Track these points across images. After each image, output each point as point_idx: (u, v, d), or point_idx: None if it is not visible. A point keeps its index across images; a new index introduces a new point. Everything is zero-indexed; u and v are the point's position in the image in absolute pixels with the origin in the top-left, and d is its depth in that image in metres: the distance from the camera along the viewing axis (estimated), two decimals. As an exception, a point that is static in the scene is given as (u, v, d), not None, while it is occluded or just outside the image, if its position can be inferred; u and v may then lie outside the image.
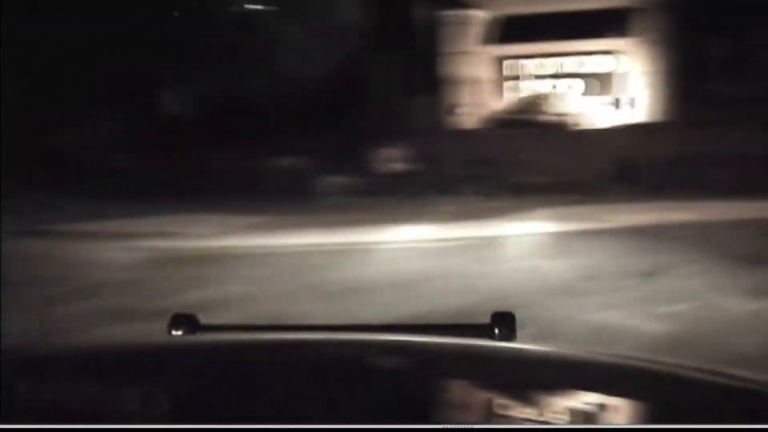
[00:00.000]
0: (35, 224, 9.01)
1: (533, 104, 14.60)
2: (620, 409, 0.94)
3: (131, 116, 14.30)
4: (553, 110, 14.32)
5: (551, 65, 15.07)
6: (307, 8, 13.75)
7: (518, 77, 15.33)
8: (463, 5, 14.68)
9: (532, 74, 15.20)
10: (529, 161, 12.32)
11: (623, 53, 14.58)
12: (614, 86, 14.76)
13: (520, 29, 14.63)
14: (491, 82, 15.21)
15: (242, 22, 14.67)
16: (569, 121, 14.20)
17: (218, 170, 12.40)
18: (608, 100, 14.82)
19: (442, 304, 5.11)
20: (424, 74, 14.09)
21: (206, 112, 14.03)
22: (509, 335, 1.30)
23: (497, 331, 1.29)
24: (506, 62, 15.28)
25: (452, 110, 14.45)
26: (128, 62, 13.48)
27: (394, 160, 13.24)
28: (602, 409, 0.94)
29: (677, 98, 13.43)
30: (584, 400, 0.99)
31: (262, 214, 9.89)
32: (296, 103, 13.09)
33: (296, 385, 1.02)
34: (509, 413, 0.90)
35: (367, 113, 13.42)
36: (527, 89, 15.19)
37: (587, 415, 0.91)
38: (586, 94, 14.85)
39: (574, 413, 0.91)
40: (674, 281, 5.91)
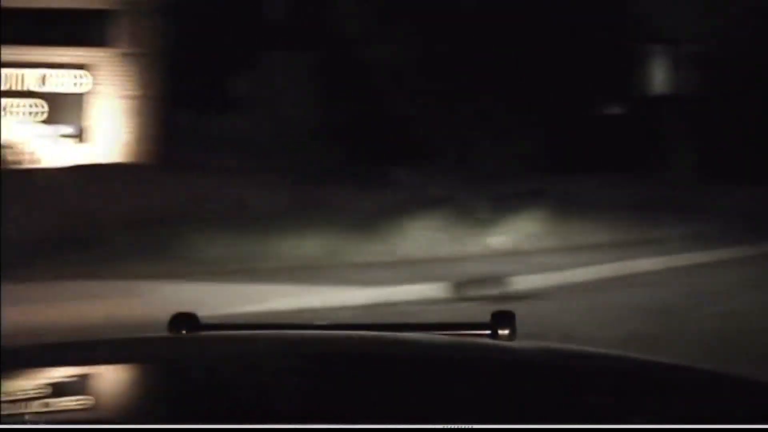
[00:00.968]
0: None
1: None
2: (620, 408, 0.94)
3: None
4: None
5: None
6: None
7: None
8: None
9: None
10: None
11: (95, 68, 10.36)
12: (79, 112, 10.40)
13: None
14: None
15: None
16: (11, 157, 9.87)
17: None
18: (69, 129, 10.40)
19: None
20: None
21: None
22: (509, 334, 1.30)
23: (497, 329, 1.30)
24: None
25: None
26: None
27: None
28: (602, 407, 0.94)
29: (161, 131, 9.98)
30: (584, 398, 0.99)
31: None
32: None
33: (296, 384, 1.02)
34: (508, 413, 0.89)
35: None
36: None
37: (587, 414, 0.91)
38: (43, 121, 10.37)
39: (574, 412, 0.91)
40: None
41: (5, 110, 10.19)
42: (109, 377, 1.09)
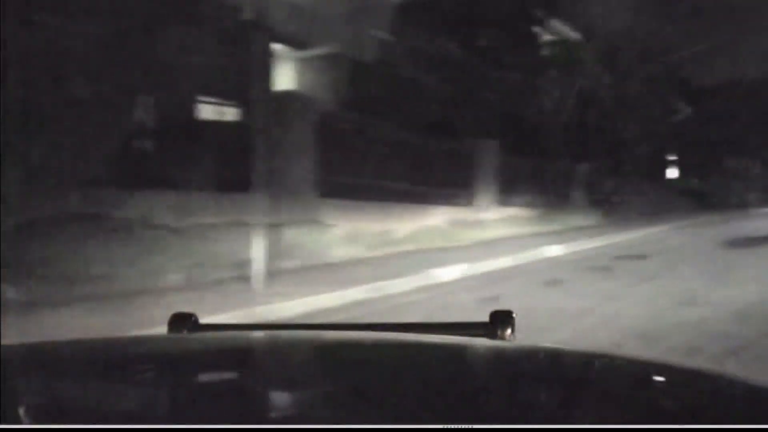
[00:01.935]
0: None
1: None
2: (621, 407, 0.94)
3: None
4: None
5: None
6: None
7: None
8: None
9: None
10: None
11: None
12: None
13: None
14: None
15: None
16: None
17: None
18: None
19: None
20: None
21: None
22: (509, 334, 1.30)
23: (497, 329, 1.30)
24: None
25: None
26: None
27: None
28: (602, 407, 0.94)
29: None
30: (584, 398, 0.99)
31: None
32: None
33: (295, 384, 1.02)
34: (509, 412, 0.90)
35: None
36: None
37: (588, 413, 0.91)
38: None
39: (574, 411, 0.91)
40: None
41: None
42: (108, 377, 1.09)
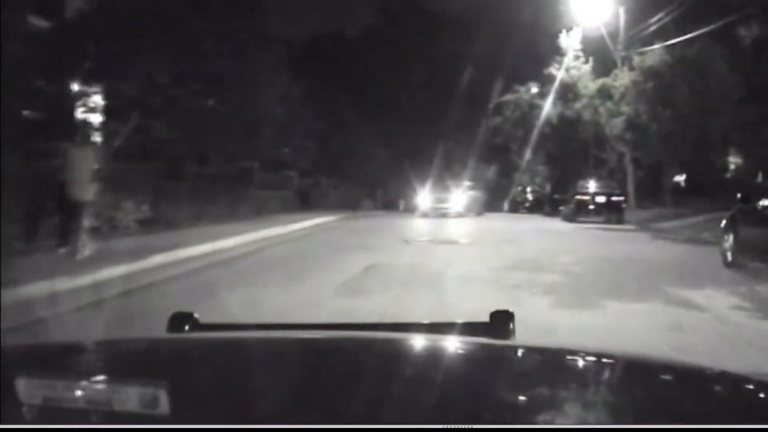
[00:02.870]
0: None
1: None
2: (620, 406, 0.94)
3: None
4: None
5: None
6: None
7: None
8: None
9: None
10: None
11: None
12: None
13: None
14: None
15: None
16: None
17: None
18: None
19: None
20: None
21: None
22: (508, 333, 1.30)
23: (497, 329, 1.30)
24: None
25: None
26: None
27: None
28: (602, 406, 0.94)
29: None
30: (584, 397, 0.99)
31: None
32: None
33: (295, 384, 1.02)
34: (509, 412, 0.90)
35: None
36: None
37: (587, 413, 0.91)
38: None
39: (574, 411, 0.91)
40: None
41: None
42: (108, 377, 1.09)
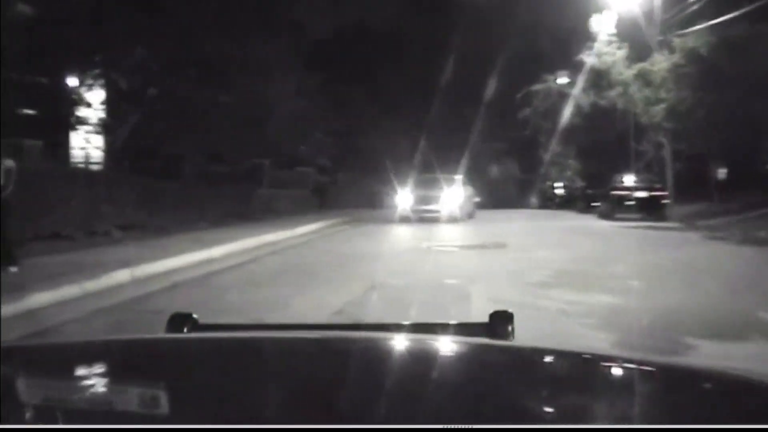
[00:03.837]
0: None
1: None
2: (620, 406, 0.94)
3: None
4: None
5: None
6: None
7: None
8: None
9: None
10: None
11: None
12: None
13: None
14: None
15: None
16: None
17: None
18: None
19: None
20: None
21: None
22: (508, 334, 1.30)
23: (496, 329, 1.30)
24: None
25: None
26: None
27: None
28: (602, 406, 0.94)
29: None
30: (583, 397, 0.99)
31: None
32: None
33: (294, 384, 1.02)
34: (509, 412, 0.90)
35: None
36: None
37: (587, 413, 0.91)
38: None
39: (573, 411, 0.91)
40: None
41: None
42: (108, 377, 1.09)
